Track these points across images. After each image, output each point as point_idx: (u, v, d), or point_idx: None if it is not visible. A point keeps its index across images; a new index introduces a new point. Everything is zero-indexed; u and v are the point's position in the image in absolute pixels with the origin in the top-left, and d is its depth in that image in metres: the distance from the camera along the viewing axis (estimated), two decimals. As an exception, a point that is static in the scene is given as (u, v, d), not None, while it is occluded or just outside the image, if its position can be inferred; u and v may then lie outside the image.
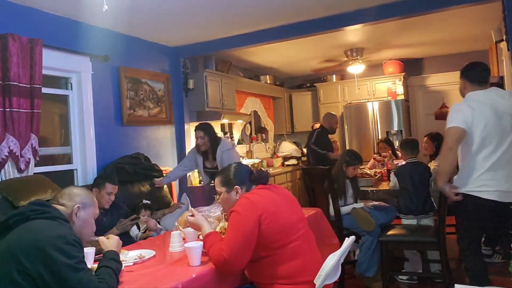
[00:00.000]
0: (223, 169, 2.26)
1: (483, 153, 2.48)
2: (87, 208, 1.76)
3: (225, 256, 1.86)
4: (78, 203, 1.72)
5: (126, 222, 2.99)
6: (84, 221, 1.74)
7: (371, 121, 6.48)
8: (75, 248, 1.50)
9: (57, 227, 1.55)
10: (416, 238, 3.21)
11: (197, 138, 3.80)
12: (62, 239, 1.48)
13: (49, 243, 1.45)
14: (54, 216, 1.59)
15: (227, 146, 3.85)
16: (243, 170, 2.19)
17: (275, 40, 4.51)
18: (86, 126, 3.75)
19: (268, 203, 1.99)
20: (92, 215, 1.80)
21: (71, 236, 1.53)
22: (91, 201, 1.79)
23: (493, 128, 2.47)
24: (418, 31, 5.12)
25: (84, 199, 1.76)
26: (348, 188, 3.55)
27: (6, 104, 2.90)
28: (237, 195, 2.11)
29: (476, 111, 2.49)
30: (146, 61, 4.51)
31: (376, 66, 6.80)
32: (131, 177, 3.81)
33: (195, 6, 3.58)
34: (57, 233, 1.50)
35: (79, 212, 1.71)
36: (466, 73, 2.68)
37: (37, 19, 3.33)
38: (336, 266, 1.91)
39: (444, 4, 3.72)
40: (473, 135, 2.49)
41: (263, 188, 2.10)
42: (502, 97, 2.57)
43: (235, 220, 1.94)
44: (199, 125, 3.89)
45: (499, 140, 2.47)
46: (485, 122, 2.47)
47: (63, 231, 1.54)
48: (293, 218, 2.04)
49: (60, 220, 1.60)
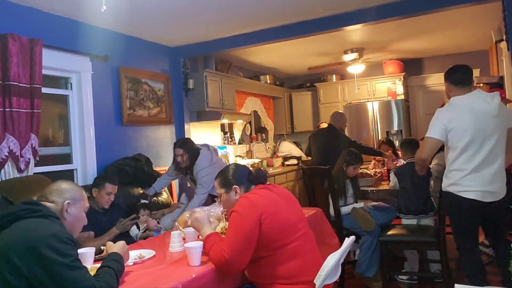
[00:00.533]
0: (221, 171, 2.26)
1: (465, 155, 2.56)
2: (77, 203, 1.73)
3: (226, 256, 1.85)
4: (68, 199, 1.69)
5: (126, 222, 2.98)
6: (75, 216, 1.72)
7: (371, 121, 6.48)
8: (69, 246, 1.48)
9: (49, 225, 1.53)
10: (416, 238, 3.21)
11: (177, 155, 3.56)
12: (55, 238, 1.46)
13: (42, 242, 1.43)
14: (45, 214, 1.57)
15: (203, 164, 3.55)
16: (241, 170, 2.20)
17: (275, 40, 4.50)
18: (86, 126, 3.75)
19: (268, 203, 1.99)
20: (83, 209, 1.77)
21: (64, 234, 1.51)
22: (80, 196, 1.77)
23: (474, 131, 2.52)
24: (418, 31, 5.12)
25: (74, 194, 1.73)
26: (348, 188, 3.55)
27: (6, 104, 2.90)
28: (237, 195, 2.11)
29: (455, 116, 2.57)
30: (146, 61, 4.51)
31: (376, 66, 6.80)
32: (131, 179, 3.81)
33: (195, 6, 3.58)
34: (50, 231, 1.48)
35: (69, 208, 1.69)
36: (449, 76, 2.74)
37: (37, 19, 3.33)
38: (336, 266, 1.91)
39: (444, 4, 3.72)
40: (454, 140, 2.58)
41: (263, 188, 2.10)
42: (484, 100, 2.60)
43: (235, 220, 1.94)
44: (179, 142, 3.64)
45: (481, 142, 2.53)
46: (465, 126, 2.53)
47: (56, 229, 1.51)
48: (293, 218, 2.04)
49: (51, 218, 1.58)
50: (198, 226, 2.13)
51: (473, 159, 2.54)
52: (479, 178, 2.54)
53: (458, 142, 2.56)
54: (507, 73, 4.29)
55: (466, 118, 2.54)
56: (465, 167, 2.56)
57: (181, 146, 3.58)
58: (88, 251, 1.95)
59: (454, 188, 2.63)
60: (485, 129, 2.52)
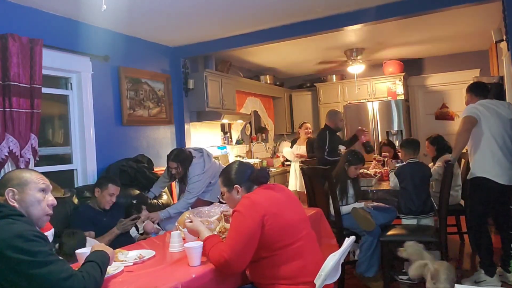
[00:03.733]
0: (224, 169, 2.25)
1: (491, 148, 3.17)
2: (24, 187, 1.63)
3: (226, 257, 1.85)
4: (10, 187, 1.60)
5: (126, 222, 2.99)
6: (25, 201, 1.61)
7: (371, 121, 6.47)
8: (36, 243, 1.42)
9: (11, 226, 1.45)
10: (416, 238, 3.20)
11: (171, 168, 3.56)
12: (19, 238, 1.40)
13: (7, 246, 1.38)
14: (5, 215, 1.49)
15: (195, 172, 3.57)
16: (243, 170, 2.17)
17: (275, 40, 4.50)
18: (86, 126, 3.75)
19: (270, 204, 1.97)
20: (35, 191, 1.65)
21: (29, 232, 1.44)
22: (25, 180, 1.65)
23: (497, 127, 3.18)
24: (418, 31, 5.12)
25: (17, 180, 1.63)
26: (349, 188, 3.55)
27: (6, 104, 2.90)
28: (238, 194, 2.10)
29: (484, 112, 3.21)
30: (146, 61, 4.51)
31: (376, 66, 6.80)
32: (132, 180, 3.81)
33: (195, 6, 3.58)
34: (13, 233, 1.41)
35: (14, 195, 1.60)
36: (473, 89, 3.42)
37: (37, 19, 3.33)
38: (336, 266, 1.91)
39: (444, 4, 3.72)
40: (483, 129, 3.19)
41: (266, 188, 2.09)
42: (503, 105, 3.30)
43: (237, 221, 1.93)
44: (172, 155, 3.57)
45: (503, 137, 3.18)
46: (491, 121, 3.18)
47: (19, 228, 1.44)
48: (296, 218, 2.03)
49: (13, 217, 1.49)
50: (194, 232, 2.15)
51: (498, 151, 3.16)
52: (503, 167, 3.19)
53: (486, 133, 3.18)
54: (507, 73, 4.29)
55: (492, 115, 3.20)
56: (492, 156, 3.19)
57: (174, 159, 3.54)
58: (87, 251, 1.95)
59: (483, 174, 3.20)
60: (506, 127, 3.21)
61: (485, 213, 3.27)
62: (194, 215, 2.35)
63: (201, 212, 2.61)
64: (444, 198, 3.15)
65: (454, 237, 4.42)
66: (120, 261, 2.03)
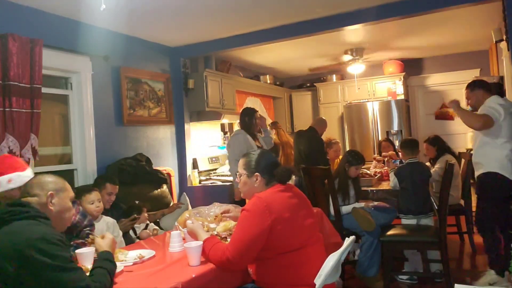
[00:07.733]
0: (248, 152, 2.18)
1: (507, 146, 3.12)
2: (60, 193, 1.69)
3: (228, 255, 1.85)
4: (50, 190, 1.65)
5: (126, 222, 2.99)
6: (61, 206, 1.67)
7: (371, 121, 6.48)
8: (58, 248, 1.44)
9: (36, 227, 1.47)
10: (416, 238, 3.21)
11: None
12: (43, 240, 1.41)
13: (29, 245, 1.38)
14: (32, 216, 1.51)
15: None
16: (267, 160, 2.10)
17: (275, 40, 4.51)
18: (86, 126, 3.75)
19: (283, 208, 1.93)
20: (68, 199, 1.73)
21: (53, 235, 1.46)
22: (63, 186, 1.72)
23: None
24: (418, 31, 5.12)
25: (56, 185, 1.69)
26: (350, 189, 3.54)
27: (6, 104, 2.90)
28: (257, 182, 2.04)
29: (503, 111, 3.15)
30: (146, 61, 4.51)
31: (376, 66, 6.80)
32: (132, 179, 3.81)
33: (195, 6, 3.58)
34: (38, 234, 1.43)
35: (53, 199, 1.65)
36: (488, 87, 3.38)
37: (37, 19, 3.33)
38: (336, 266, 1.90)
39: (444, 4, 3.72)
40: (501, 128, 3.13)
41: (283, 190, 2.02)
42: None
43: (245, 221, 1.91)
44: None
45: None
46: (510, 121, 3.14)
47: (44, 230, 1.46)
48: (306, 224, 1.99)
49: (39, 219, 1.52)
50: (193, 234, 2.15)
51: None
52: None
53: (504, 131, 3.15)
54: (507, 73, 4.29)
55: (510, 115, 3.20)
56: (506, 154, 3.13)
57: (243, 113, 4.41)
58: (88, 251, 1.95)
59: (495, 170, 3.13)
60: None
61: (495, 212, 3.15)
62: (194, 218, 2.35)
63: (201, 212, 2.60)
64: (444, 198, 3.15)
65: (454, 237, 4.42)
66: (120, 261, 2.03)
